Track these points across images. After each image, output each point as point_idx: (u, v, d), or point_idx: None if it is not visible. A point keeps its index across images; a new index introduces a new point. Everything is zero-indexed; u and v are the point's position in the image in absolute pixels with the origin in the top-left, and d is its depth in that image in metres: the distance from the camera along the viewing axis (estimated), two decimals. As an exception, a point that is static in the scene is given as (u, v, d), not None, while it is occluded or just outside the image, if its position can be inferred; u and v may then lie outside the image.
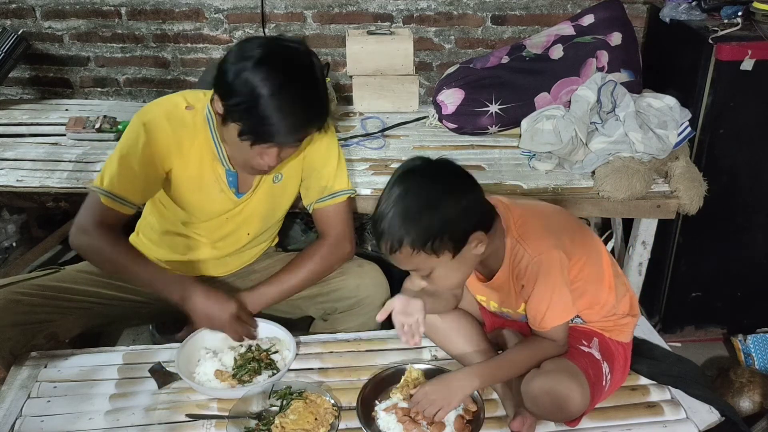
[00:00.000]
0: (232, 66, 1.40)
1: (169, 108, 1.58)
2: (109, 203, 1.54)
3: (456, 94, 2.33)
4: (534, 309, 1.39)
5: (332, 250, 1.72)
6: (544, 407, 1.34)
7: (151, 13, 2.67)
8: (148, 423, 1.42)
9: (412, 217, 1.24)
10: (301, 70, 1.42)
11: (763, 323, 2.39)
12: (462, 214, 1.27)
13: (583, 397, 1.33)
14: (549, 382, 1.32)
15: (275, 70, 1.38)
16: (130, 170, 1.54)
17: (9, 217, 2.72)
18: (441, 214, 1.24)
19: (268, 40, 1.45)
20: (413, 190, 1.26)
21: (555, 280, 1.35)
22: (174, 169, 1.60)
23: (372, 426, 1.40)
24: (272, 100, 1.38)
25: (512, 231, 1.38)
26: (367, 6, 2.64)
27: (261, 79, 1.37)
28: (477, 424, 1.39)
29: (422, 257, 1.27)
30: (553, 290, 1.35)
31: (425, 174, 1.30)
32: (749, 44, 2.04)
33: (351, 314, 1.75)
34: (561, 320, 1.39)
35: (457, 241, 1.28)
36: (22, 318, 1.57)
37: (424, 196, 1.26)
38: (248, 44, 1.43)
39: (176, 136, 1.56)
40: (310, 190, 1.73)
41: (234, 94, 1.40)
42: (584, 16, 2.38)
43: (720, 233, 2.30)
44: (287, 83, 1.39)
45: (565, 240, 1.38)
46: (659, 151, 2.04)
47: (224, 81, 1.41)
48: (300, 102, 1.42)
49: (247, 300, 1.67)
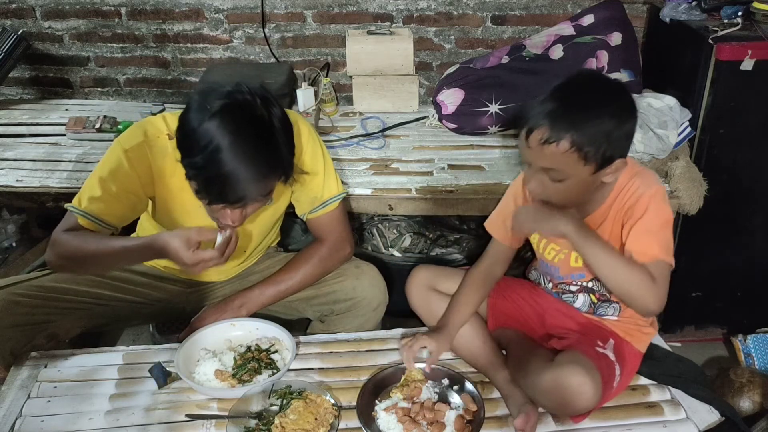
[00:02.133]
0: (190, 119, 1.34)
1: (151, 136, 1.53)
2: (86, 224, 1.52)
3: (456, 94, 2.33)
4: (640, 235, 1.35)
5: (331, 253, 1.72)
6: (554, 400, 1.33)
7: (151, 13, 2.67)
8: (148, 423, 1.42)
9: (584, 116, 1.26)
10: (256, 122, 1.34)
11: (763, 323, 2.38)
12: (624, 135, 1.30)
13: (595, 393, 1.32)
14: (562, 374, 1.31)
15: (228, 125, 1.30)
16: (109, 194, 1.51)
17: (9, 217, 2.72)
18: (610, 126, 1.27)
19: (224, 93, 1.34)
20: (593, 92, 1.29)
21: (667, 216, 1.36)
22: (158, 196, 1.58)
23: (372, 426, 1.40)
24: (225, 157, 1.30)
25: (629, 168, 1.38)
26: (367, 6, 2.64)
27: (214, 135, 1.30)
28: (477, 423, 1.39)
29: (571, 160, 1.28)
30: (663, 225, 1.36)
31: (608, 83, 1.33)
32: (749, 44, 2.04)
33: (348, 316, 1.75)
34: (666, 255, 1.35)
35: (608, 158, 1.30)
36: (22, 318, 1.56)
37: (602, 102, 1.28)
38: (206, 96, 1.34)
39: (158, 165, 1.53)
40: (301, 203, 1.71)
41: (189, 151, 1.34)
42: (584, 16, 2.38)
43: (720, 233, 2.30)
44: (241, 138, 1.31)
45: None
46: (659, 151, 2.04)
47: (180, 134, 1.36)
48: (255, 157, 1.33)
49: (245, 300, 1.67)
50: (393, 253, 2.36)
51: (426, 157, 2.24)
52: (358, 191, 2.03)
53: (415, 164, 2.20)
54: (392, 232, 2.46)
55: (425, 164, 2.20)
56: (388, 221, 2.47)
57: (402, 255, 2.36)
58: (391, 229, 2.47)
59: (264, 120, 1.34)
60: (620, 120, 1.29)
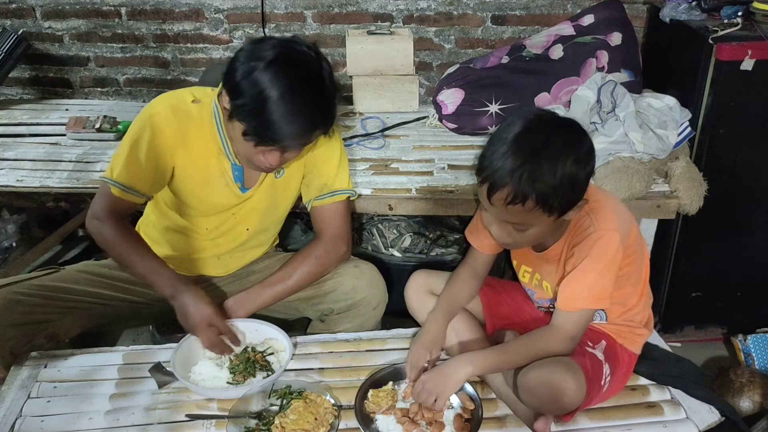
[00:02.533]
0: (242, 65, 1.40)
1: (176, 101, 1.59)
2: (118, 193, 1.57)
3: (456, 94, 2.33)
4: (573, 284, 1.36)
5: (328, 251, 1.72)
6: (539, 399, 1.33)
7: (151, 13, 2.67)
8: (148, 423, 1.42)
9: (546, 174, 1.22)
10: (309, 75, 1.41)
11: (763, 323, 2.38)
12: (586, 179, 1.29)
13: (579, 390, 1.32)
14: (544, 373, 1.32)
15: (284, 74, 1.38)
16: (137, 162, 1.55)
17: (9, 217, 2.72)
18: (572, 176, 1.24)
19: (280, 42, 1.44)
20: (550, 145, 1.23)
21: (606, 262, 1.34)
22: (179, 162, 1.60)
23: (371, 427, 1.40)
24: (278, 104, 1.38)
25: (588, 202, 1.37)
26: (367, 6, 2.64)
27: (269, 82, 1.37)
28: (475, 422, 1.39)
29: (535, 214, 1.26)
30: (600, 271, 1.34)
31: (561, 129, 1.28)
32: (749, 44, 2.03)
33: (348, 315, 1.75)
34: (593, 304, 1.36)
35: (571, 203, 1.29)
36: (22, 318, 1.56)
37: (562, 155, 1.23)
38: (260, 45, 1.42)
39: (182, 129, 1.57)
40: (310, 187, 1.73)
41: (241, 94, 1.40)
42: (584, 16, 2.38)
43: (720, 233, 2.30)
44: (294, 88, 1.39)
45: (627, 231, 1.38)
46: (659, 151, 2.04)
47: (233, 79, 1.41)
48: (306, 107, 1.41)
49: (242, 301, 1.67)
50: (393, 253, 2.36)
51: (426, 157, 2.24)
52: (358, 191, 2.03)
53: (415, 164, 2.20)
54: (392, 232, 2.46)
55: (425, 164, 2.20)
56: (388, 221, 2.47)
57: (402, 255, 2.36)
58: (391, 229, 2.47)
59: (317, 73, 1.42)
60: (583, 165, 1.26)
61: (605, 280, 1.35)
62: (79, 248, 2.72)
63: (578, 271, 1.35)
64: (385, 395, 1.46)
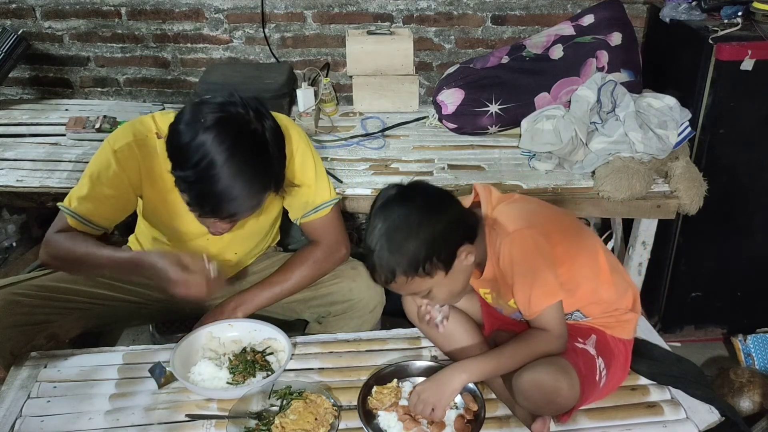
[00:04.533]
0: (183, 132, 1.33)
1: (140, 136, 1.53)
2: (75, 224, 1.53)
3: (456, 94, 2.33)
4: (519, 293, 1.37)
5: (326, 255, 1.72)
6: (534, 400, 1.33)
7: (151, 13, 2.67)
8: (148, 423, 1.42)
9: (397, 247, 1.26)
10: (249, 137, 1.34)
11: (763, 323, 2.39)
12: (445, 233, 1.29)
13: (572, 390, 1.32)
14: (536, 375, 1.32)
15: (222, 141, 1.30)
16: (98, 196, 1.52)
17: (9, 217, 2.72)
18: (424, 238, 1.27)
19: (216, 107, 1.34)
20: (393, 220, 1.28)
21: (532, 258, 1.34)
22: (145, 195, 1.58)
23: (372, 424, 1.40)
24: (218, 174, 1.30)
25: (488, 219, 1.39)
26: (367, 6, 2.64)
27: (208, 150, 1.30)
28: (477, 423, 1.39)
29: (417, 282, 1.30)
30: (532, 268, 1.35)
31: (401, 202, 1.31)
32: (749, 44, 2.04)
33: (345, 317, 1.75)
34: (548, 300, 1.36)
35: (445, 259, 1.31)
36: (22, 318, 1.56)
37: (405, 225, 1.28)
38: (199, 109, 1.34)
39: (147, 164, 1.53)
40: (293, 208, 1.71)
41: (181, 165, 1.34)
42: (584, 16, 2.38)
43: (720, 233, 2.30)
44: (234, 154, 1.31)
45: (546, 226, 1.38)
46: (659, 151, 2.04)
47: (173, 146, 1.36)
48: (247, 173, 1.33)
49: (239, 302, 1.67)
50: (393, 253, 2.36)
51: (426, 157, 2.24)
52: (358, 191, 2.03)
53: (415, 164, 2.20)
54: (392, 232, 2.45)
55: (425, 164, 2.20)
56: (388, 221, 2.47)
57: (402, 255, 2.35)
58: (391, 229, 2.47)
59: (257, 135, 1.35)
60: (432, 223, 1.28)
61: (544, 273, 1.35)
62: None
63: (517, 279, 1.36)
64: (388, 392, 1.47)
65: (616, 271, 1.48)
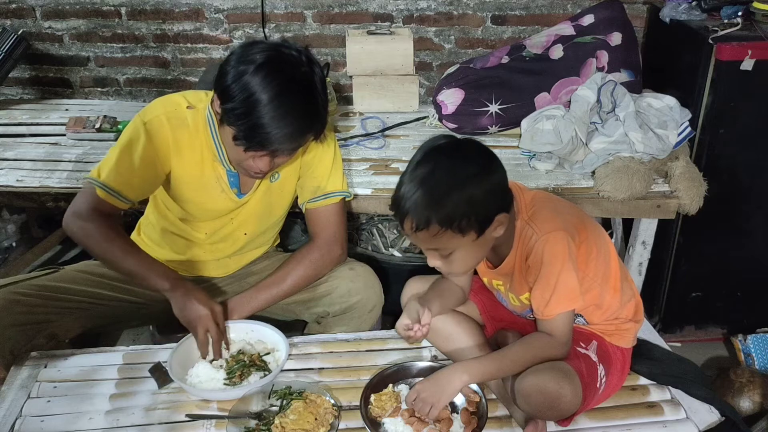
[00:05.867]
0: (232, 69, 1.40)
1: (170, 108, 1.58)
2: (104, 196, 1.55)
3: (456, 94, 2.33)
4: (539, 292, 1.36)
5: (322, 255, 1.72)
6: (536, 405, 1.33)
7: (151, 13, 2.67)
8: (148, 423, 1.42)
9: (439, 196, 1.24)
10: (299, 78, 1.41)
11: (763, 323, 2.39)
12: (488, 195, 1.28)
13: (575, 396, 1.32)
14: (540, 380, 1.31)
15: (274, 78, 1.37)
16: (128, 167, 1.55)
17: (9, 217, 2.72)
18: (469, 194, 1.24)
19: (270, 46, 1.43)
20: (440, 169, 1.26)
21: (562, 261, 1.34)
22: (174, 169, 1.60)
23: (380, 430, 1.40)
24: (267, 108, 1.37)
25: (522, 213, 1.38)
26: (367, 6, 2.64)
27: (258, 86, 1.36)
28: (481, 413, 1.40)
29: (447, 236, 1.27)
30: (560, 272, 1.34)
31: (452, 153, 1.29)
32: (749, 44, 2.04)
33: (344, 318, 1.74)
34: (566, 306, 1.36)
35: (482, 221, 1.28)
36: (22, 318, 1.56)
37: (452, 176, 1.25)
38: (250, 48, 1.42)
39: (176, 136, 1.56)
40: (304, 189, 1.73)
41: (231, 98, 1.40)
42: (584, 16, 2.38)
43: (720, 233, 2.30)
44: (284, 92, 1.38)
45: (575, 228, 1.38)
46: (659, 151, 2.04)
47: (223, 83, 1.41)
48: (296, 111, 1.40)
49: (237, 304, 1.66)
50: (393, 253, 2.36)
51: (426, 157, 2.23)
52: (358, 191, 2.03)
53: (415, 164, 2.19)
54: (392, 232, 2.46)
55: (425, 164, 2.19)
56: (388, 221, 2.48)
57: (402, 255, 2.36)
58: (391, 229, 2.47)
59: (307, 77, 1.42)
60: (479, 181, 1.26)
61: (569, 279, 1.34)
62: (79, 248, 2.72)
63: (541, 279, 1.35)
64: (387, 398, 1.46)
65: (624, 280, 1.48)
